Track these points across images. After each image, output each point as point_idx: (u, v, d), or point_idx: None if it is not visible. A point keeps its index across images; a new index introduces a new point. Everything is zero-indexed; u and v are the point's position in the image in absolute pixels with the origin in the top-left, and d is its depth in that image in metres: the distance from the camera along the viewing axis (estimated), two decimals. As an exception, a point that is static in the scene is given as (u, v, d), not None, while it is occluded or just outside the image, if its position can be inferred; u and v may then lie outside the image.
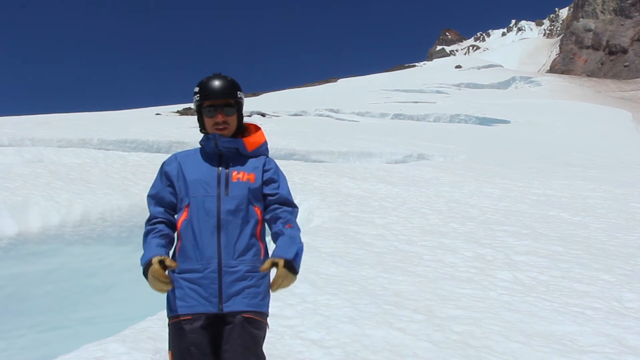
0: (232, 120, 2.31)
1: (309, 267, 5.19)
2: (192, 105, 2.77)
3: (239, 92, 2.32)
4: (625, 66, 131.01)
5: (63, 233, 5.63)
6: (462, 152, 17.71)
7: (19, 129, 12.83)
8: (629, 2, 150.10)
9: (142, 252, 2.33)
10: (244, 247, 2.20)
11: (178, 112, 33.54)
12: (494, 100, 56.97)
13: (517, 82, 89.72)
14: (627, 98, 78.86)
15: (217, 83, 2.27)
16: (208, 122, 2.30)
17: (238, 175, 2.27)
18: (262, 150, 2.40)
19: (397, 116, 38.43)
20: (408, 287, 4.71)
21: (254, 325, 2.16)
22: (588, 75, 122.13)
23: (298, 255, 2.16)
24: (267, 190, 2.33)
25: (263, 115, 31.95)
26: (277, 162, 2.48)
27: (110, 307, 5.62)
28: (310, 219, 7.85)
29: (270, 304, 2.32)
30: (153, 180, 2.41)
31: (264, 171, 2.34)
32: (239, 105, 2.34)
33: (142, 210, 6.48)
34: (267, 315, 2.26)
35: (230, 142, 2.29)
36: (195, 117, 2.43)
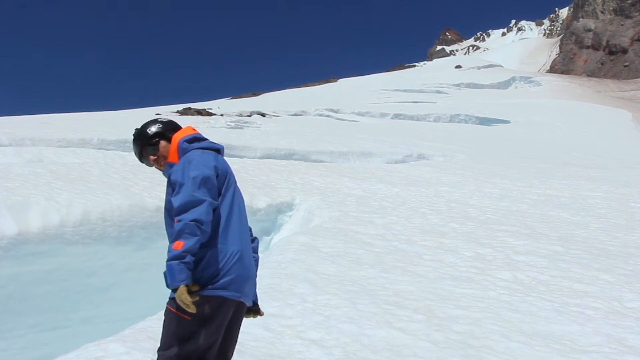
0: (158, 159, 2.57)
1: (309, 267, 5.19)
2: (191, 106, 2.86)
3: (140, 142, 2.58)
4: (625, 66, 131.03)
5: (63, 233, 5.62)
6: (462, 152, 17.71)
7: (19, 129, 12.83)
8: (629, 2, 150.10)
9: (142, 252, 2.45)
10: None
11: (178, 112, 33.51)
12: (494, 100, 56.97)
13: (517, 82, 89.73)
14: (627, 98, 78.88)
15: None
16: None
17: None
18: (180, 156, 2.50)
19: (397, 116, 38.43)
20: (408, 287, 4.71)
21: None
22: (588, 75, 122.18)
23: (167, 281, 2.18)
24: None
25: (263, 115, 31.94)
26: (276, 162, 2.49)
27: (110, 307, 5.62)
28: (310, 218, 7.85)
29: (270, 304, 2.37)
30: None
31: (168, 180, 2.47)
32: (150, 146, 2.56)
33: (142, 210, 6.49)
34: (172, 300, 2.29)
35: (164, 173, 2.55)
36: (197, 117, 2.53)
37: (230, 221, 2.40)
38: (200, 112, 30.59)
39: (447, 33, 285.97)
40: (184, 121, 23.40)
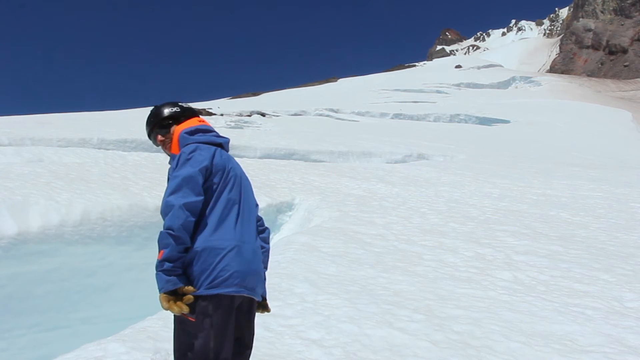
0: (164, 141, 2.60)
1: (309, 267, 5.19)
2: (192, 105, 2.89)
3: (153, 120, 2.62)
4: (625, 66, 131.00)
5: (63, 233, 5.63)
6: (462, 152, 17.70)
7: (19, 128, 12.82)
8: (629, 2, 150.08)
9: (142, 252, 2.44)
10: None
11: (178, 111, 33.41)
12: (494, 100, 56.96)
13: (517, 82, 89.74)
14: (627, 98, 78.88)
15: None
16: None
17: None
18: (178, 149, 2.51)
19: (397, 116, 38.43)
20: (408, 287, 4.71)
21: None
22: (588, 75, 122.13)
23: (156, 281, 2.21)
24: None
25: (263, 115, 31.92)
26: (276, 162, 2.47)
27: (110, 306, 5.62)
28: (310, 218, 7.85)
29: (270, 304, 2.39)
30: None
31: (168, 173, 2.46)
32: (161, 127, 2.60)
33: (142, 210, 6.49)
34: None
35: (169, 162, 2.52)
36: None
37: (227, 217, 2.34)
38: (200, 112, 30.53)
39: (447, 33, 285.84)
40: (184, 121, 23.41)
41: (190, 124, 2.56)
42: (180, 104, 2.67)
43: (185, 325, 2.24)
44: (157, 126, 2.61)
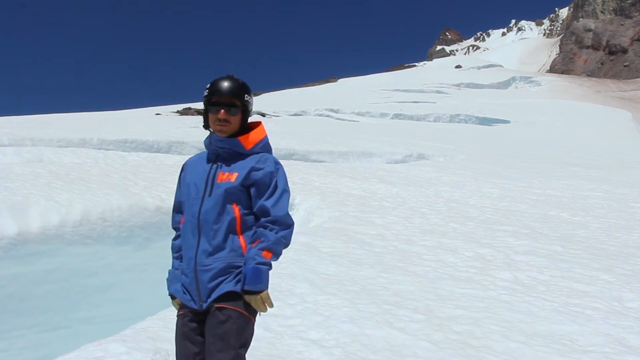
0: (234, 120, 2.33)
1: (309, 267, 5.19)
2: (191, 106, 2.80)
3: (246, 95, 2.33)
4: (625, 66, 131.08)
5: (63, 233, 5.63)
6: (462, 152, 17.71)
7: (19, 129, 12.83)
8: (629, 2, 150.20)
9: (142, 252, 2.40)
10: (218, 245, 2.25)
11: (178, 112, 33.51)
12: (494, 100, 57.01)
13: (517, 82, 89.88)
14: (627, 98, 78.94)
15: (226, 82, 2.32)
16: (211, 118, 2.35)
17: (223, 176, 2.31)
18: (259, 147, 2.39)
19: (397, 116, 38.49)
20: (408, 287, 4.71)
21: (226, 314, 2.22)
22: (588, 75, 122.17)
23: (248, 277, 2.18)
24: (253, 195, 2.31)
25: (263, 115, 31.96)
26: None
27: (110, 307, 5.62)
28: (310, 218, 7.86)
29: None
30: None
31: (252, 170, 2.30)
32: (244, 108, 2.35)
33: (142, 210, 6.49)
34: (243, 304, 2.23)
35: (223, 142, 2.34)
36: (197, 117, 2.51)
37: None
38: (200, 112, 30.58)
39: (447, 33, 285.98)
40: (183, 121, 23.37)
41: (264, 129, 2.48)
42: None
43: (249, 324, 2.27)
44: (239, 99, 2.31)
